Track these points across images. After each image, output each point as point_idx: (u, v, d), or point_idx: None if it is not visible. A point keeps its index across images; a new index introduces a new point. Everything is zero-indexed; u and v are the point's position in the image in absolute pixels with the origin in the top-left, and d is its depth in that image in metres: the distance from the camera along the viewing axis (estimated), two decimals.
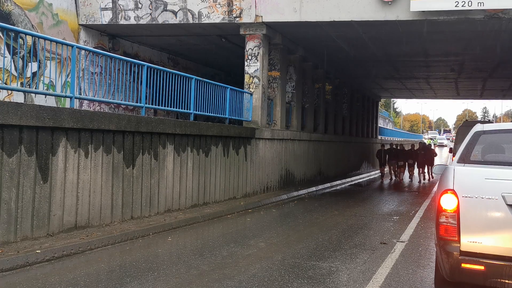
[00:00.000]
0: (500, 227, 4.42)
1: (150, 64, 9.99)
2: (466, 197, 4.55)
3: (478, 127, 5.47)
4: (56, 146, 7.36)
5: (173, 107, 10.82)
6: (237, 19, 14.19)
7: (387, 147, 25.53)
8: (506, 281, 4.31)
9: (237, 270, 6.45)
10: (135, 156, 9.19)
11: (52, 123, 7.16)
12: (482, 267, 4.41)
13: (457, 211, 4.55)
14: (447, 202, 4.61)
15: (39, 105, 7.05)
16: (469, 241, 4.50)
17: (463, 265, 4.48)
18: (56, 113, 7.24)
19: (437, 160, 38.55)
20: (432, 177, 24.01)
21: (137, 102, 10.25)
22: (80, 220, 7.89)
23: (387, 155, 24.42)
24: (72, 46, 7.97)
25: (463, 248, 4.51)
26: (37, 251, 6.44)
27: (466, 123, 22.88)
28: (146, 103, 10.81)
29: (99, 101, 12.92)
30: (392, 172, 24.75)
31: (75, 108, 7.85)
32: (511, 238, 4.35)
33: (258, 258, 7.13)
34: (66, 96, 7.93)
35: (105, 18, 14.96)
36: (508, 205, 4.40)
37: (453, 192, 4.60)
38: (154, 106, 10.37)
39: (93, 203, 8.16)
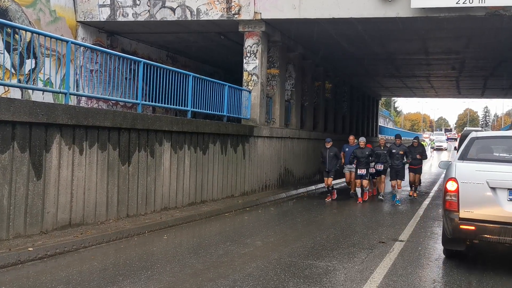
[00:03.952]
0: (485, 202, 6.46)
1: (146, 60, 9.87)
2: (463, 182, 6.57)
3: (473, 134, 7.59)
4: (50, 142, 7.25)
5: (171, 104, 10.72)
6: (235, 16, 14.07)
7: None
8: (488, 236, 6.43)
9: (232, 269, 6.35)
10: (131, 153, 9.08)
11: (46, 119, 7.05)
12: (473, 228, 6.46)
13: (457, 191, 6.56)
14: (451, 186, 6.64)
15: (33, 100, 6.97)
16: (465, 211, 6.54)
17: (461, 226, 6.53)
18: (50, 109, 7.13)
19: (431, 168, 37.63)
20: (416, 195, 15.77)
21: (134, 99, 10.16)
22: (75, 217, 7.78)
23: (335, 157, 14.32)
24: (67, 41, 7.86)
25: (461, 216, 6.55)
26: (29, 249, 6.34)
27: (465, 131, 24.74)
28: (144, 100, 10.71)
29: (94, 98, 12.81)
30: (352, 185, 14.92)
31: (70, 104, 7.73)
32: (492, 209, 6.41)
33: (254, 257, 7.03)
34: (60, 92, 7.82)
35: (103, 15, 14.85)
36: (490, 187, 6.44)
37: (455, 179, 6.63)
38: (150, 103, 10.27)
39: (88, 201, 8.05)
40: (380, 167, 14.31)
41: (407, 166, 15.54)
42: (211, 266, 6.46)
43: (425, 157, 16.34)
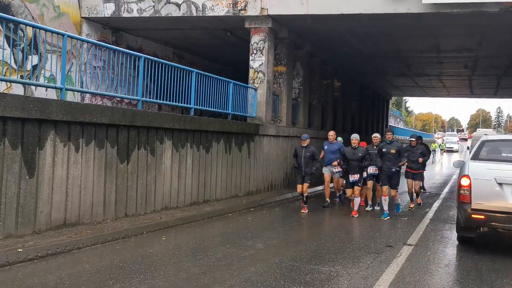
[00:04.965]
0: (493, 195, 7.49)
1: (147, 56, 9.60)
2: (475, 179, 7.61)
3: (483, 137, 8.73)
4: (43, 139, 7.00)
5: (173, 101, 10.45)
6: (241, 12, 13.76)
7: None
8: (496, 224, 7.49)
9: (229, 273, 6.03)
10: (130, 151, 8.81)
11: (39, 115, 6.79)
12: (483, 217, 7.49)
13: (470, 186, 7.59)
14: (464, 182, 7.68)
15: (25, 96, 6.74)
16: (476, 203, 7.55)
17: (472, 216, 7.55)
18: (44, 105, 6.87)
19: (442, 169, 36.92)
20: (412, 206, 12.87)
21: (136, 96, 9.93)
22: (70, 217, 7.53)
23: (312, 159, 11.52)
24: (62, 35, 7.60)
25: (473, 207, 7.56)
26: (19, 250, 6.09)
27: (478, 133, 26.50)
28: (148, 97, 10.44)
29: (91, 93, 12.57)
30: (326, 192, 12.80)
31: (65, 100, 7.48)
32: (499, 201, 7.44)
33: (254, 261, 6.71)
34: (55, 87, 7.57)
35: (108, 10, 14.63)
36: (497, 183, 7.47)
37: (468, 176, 7.67)
38: (150, 99, 10.00)
39: (84, 200, 7.79)
40: (374, 170, 11.55)
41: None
42: (208, 270, 6.15)
43: (427, 158, 13.75)
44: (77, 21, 14.82)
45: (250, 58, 14.37)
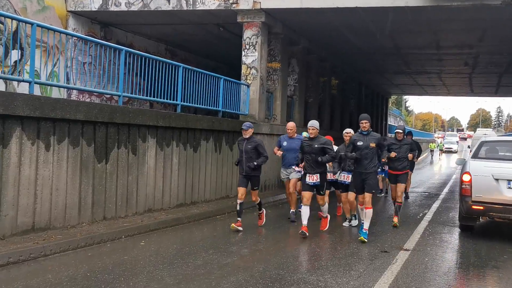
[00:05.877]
0: (490, 189, 8.47)
1: (128, 49, 9.05)
2: (475, 175, 8.60)
3: (482, 138, 10.11)
4: (8, 136, 6.45)
5: (160, 98, 9.91)
6: (233, 5, 13.22)
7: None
8: (494, 214, 8.47)
9: (206, 283, 5.48)
10: (109, 150, 8.26)
11: (3, 110, 6.25)
12: (482, 207, 8.50)
13: (470, 182, 8.60)
14: (466, 177, 8.66)
15: None
16: (476, 195, 8.55)
17: (473, 207, 8.58)
18: (8, 99, 6.33)
19: (441, 169, 36.49)
20: (396, 221, 9.74)
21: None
22: (39, 221, 6.97)
23: (256, 153, 8.90)
24: (32, 24, 7.05)
25: (473, 199, 8.57)
26: None
27: (477, 133, 29.33)
28: (140, 95, 9.94)
29: (63, 87, 12.08)
30: (291, 200, 10.18)
31: (33, 94, 6.93)
32: (495, 194, 8.40)
33: (235, 269, 6.17)
34: (23, 81, 7.03)
35: (95, 4, 14.09)
36: (494, 179, 8.44)
37: (469, 173, 8.68)
38: (131, 95, 9.45)
39: (56, 202, 7.24)
40: (346, 178, 9.21)
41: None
42: (183, 279, 5.61)
43: (417, 155, 11.38)
44: (63, 15, 14.27)
45: (243, 53, 13.83)
